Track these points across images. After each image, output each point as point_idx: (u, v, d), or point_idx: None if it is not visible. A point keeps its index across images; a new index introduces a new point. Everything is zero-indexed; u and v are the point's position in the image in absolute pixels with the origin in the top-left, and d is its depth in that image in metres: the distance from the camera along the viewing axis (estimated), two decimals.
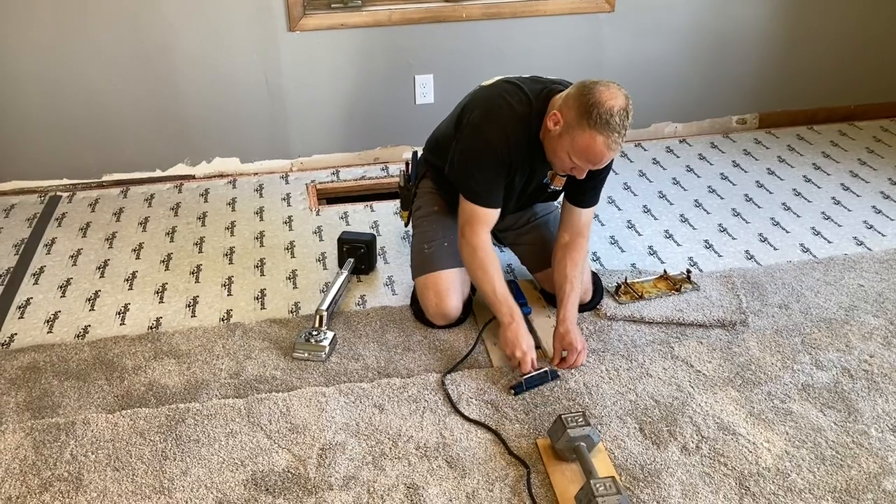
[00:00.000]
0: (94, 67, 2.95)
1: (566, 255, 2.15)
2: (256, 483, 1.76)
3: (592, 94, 1.85)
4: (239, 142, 3.19)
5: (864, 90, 3.57)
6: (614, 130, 1.84)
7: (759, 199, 2.97)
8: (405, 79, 3.18)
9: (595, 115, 1.83)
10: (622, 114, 1.84)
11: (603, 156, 1.89)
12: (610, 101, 1.83)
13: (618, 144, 1.87)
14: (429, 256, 2.23)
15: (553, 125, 1.93)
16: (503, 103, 2.02)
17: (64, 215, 2.95)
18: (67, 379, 2.09)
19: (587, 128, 1.85)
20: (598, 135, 1.84)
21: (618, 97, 1.85)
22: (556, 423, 1.81)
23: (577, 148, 1.89)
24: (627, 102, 1.86)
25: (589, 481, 1.64)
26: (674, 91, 3.40)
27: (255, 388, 2.04)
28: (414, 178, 2.37)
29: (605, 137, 1.84)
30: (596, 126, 1.84)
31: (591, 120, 1.84)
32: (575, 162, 1.93)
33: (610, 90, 1.86)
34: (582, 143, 1.87)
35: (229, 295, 2.47)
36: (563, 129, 1.91)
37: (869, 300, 2.35)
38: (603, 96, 1.84)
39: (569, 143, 1.90)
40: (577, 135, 1.87)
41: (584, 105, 1.85)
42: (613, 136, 1.85)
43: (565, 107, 1.91)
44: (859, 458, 1.80)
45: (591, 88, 1.87)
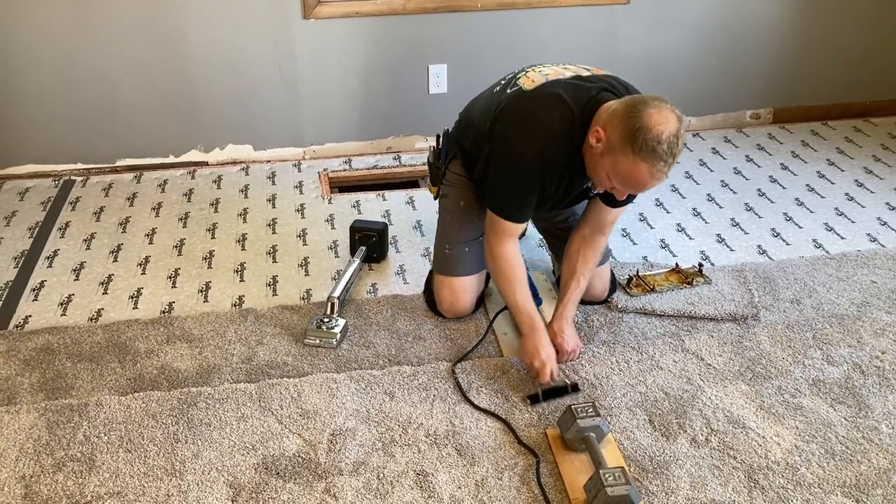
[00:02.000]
0: (108, 53, 2.96)
1: (580, 251, 2.09)
2: (267, 467, 1.77)
3: (640, 117, 1.68)
4: (252, 129, 3.19)
5: (880, 86, 3.54)
6: (660, 159, 1.67)
7: (772, 194, 2.96)
8: (419, 68, 3.18)
9: (641, 142, 1.67)
10: (672, 140, 1.66)
11: (646, 184, 1.74)
12: (659, 127, 1.66)
13: (663, 174, 1.71)
14: (449, 258, 2.21)
15: (595, 142, 1.77)
16: (543, 119, 1.86)
17: (78, 199, 2.97)
18: (81, 361, 2.10)
19: (630, 153, 1.69)
20: (642, 162, 1.69)
21: (669, 121, 1.67)
22: (565, 414, 1.81)
23: (618, 172, 1.75)
24: (679, 127, 1.68)
25: (598, 471, 1.64)
26: (687, 85, 3.39)
27: (266, 374, 2.06)
28: (444, 157, 2.25)
29: (650, 166, 1.69)
30: (640, 153, 1.68)
31: (636, 146, 1.67)
32: (615, 185, 1.80)
33: (661, 113, 1.67)
34: (624, 169, 1.73)
35: (241, 281, 2.48)
36: (606, 148, 1.75)
37: (881, 296, 2.34)
38: (652, 120, 1.66)
39: (610, 164, 1.75)
40: (620, 159, 1.72)
41: (630, 128, 1.68)
42: (659, 164, 1.68)
43: (610, 125, 1.75)
44: (869, 453, 1.80)
45: (640, 110, 1.69)
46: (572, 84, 1.90)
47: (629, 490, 1.59)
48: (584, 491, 1.67)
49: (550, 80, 1.93)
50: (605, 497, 1.59)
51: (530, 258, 2.57)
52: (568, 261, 2.11)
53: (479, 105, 2.11)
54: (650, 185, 1.75)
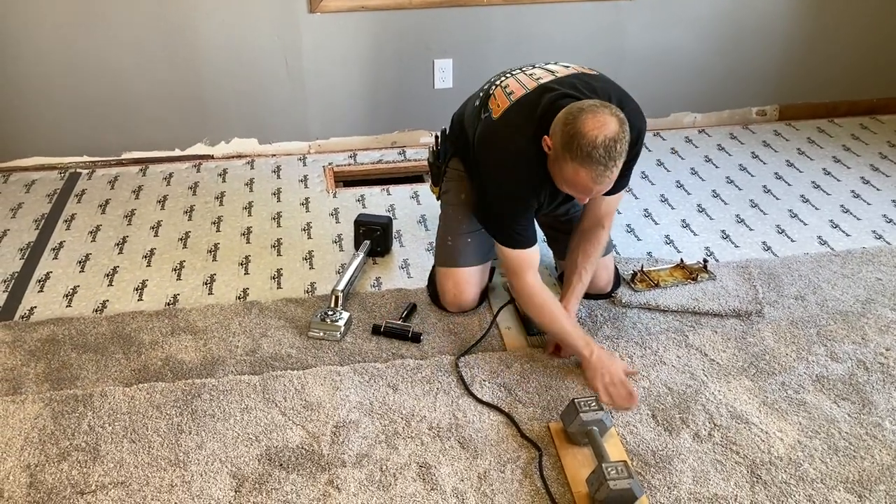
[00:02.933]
0: (115, 46, 2.97)
1: (580, 246, 2.10)
2: (270, 458, 1.78)
3: (575, 124, 1.71)
4: (258, 123, 3.20)
5: (887, 83, 3.53)
6: (598, 163, 1.70)
7: (778, 191, 2.95)
8: (424, 63, 3.18)
9: (576, 147, 1.70)
10: (608, 144, 1.68)
11: (590, 189, 1.77)
12: (593, 132, 1.68)
13: (605, 177, 1.73)
14: (451, 250, 2.21)
15: (547, 150, 1.82)
16: (510, 150, 1.90)
17: (84, 192, 2.98)
18: (86, 352, 2.11)
19: (570, 160, 1.73)
20: (580, 168, 1.72)
21: (605, 125, 1.69)
22: (568, 407, 1.82)
23: (565, 178, 1.79)
24: (619, 129, 1.70)
25: (600, 465, 1.64)
26: (694, 81, 3.38)
27: (270, 366, 2.06)
28: (443, 157, 2.29)
29: (589, 171, 1.71)
30: (577, 159, 1.71)
31: (573, 152, 1.71)
32: (569, 191, 1.85)
33: (597, 117, 1.69)
34: (568, 175, 1.77)
35: (246, 274, 2.48)
36: (553, 156, 1.80)
37: (886, 293, 2.33)
38: (587, 126, 1.69)
39: (558, 172, 1.80)
40: (563, 165, 1.76)
41: (567, 135, 1.72)
42: (598, 168, 1.70)
43: (553, 134, 1.79)
44: (873, 449, 1.80)
45: (576, 116, 1.72)
46: (533, 100, 1.90)
47: (631, 484, 1.60)
48: (586, 484, 1.68)
49: (514, 101, 1.94)
50: (608, 490, 1.59)
51: None
52: (570, 256, 2.13)
53: (466, 115, 2.14)
54: (595, 189, 1.77)
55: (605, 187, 1.78)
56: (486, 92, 2.07)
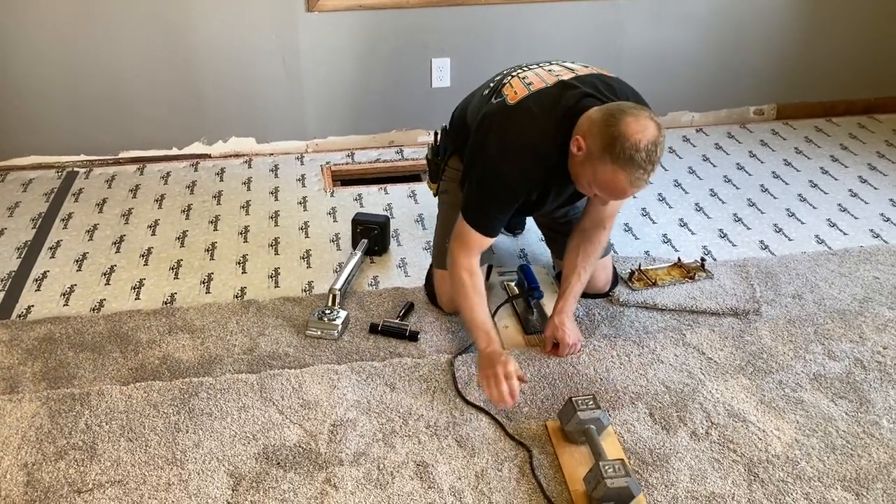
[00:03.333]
0: (113, 46, 2.97)
1: (580, 246, 2.08)
2: (268, 457, 1.78)
3: (618, 126, 1.68)
4: (255, 122, 3.20)
5: (885, 82, 3.54)
6: (639, 167, 1.68)
7: (775, 190, 2.96)
8: (422, 62, 3.18)
9: (619, 150, 1.67)
10: (650, 148, 1.67)
11: (625, 192, 1.75)
12: (637, 135, 1.66)
13: (643, 181, 1.71)
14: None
15: (576, 150, 1.78)
16: (522, 138, 1.87)
17: (81, 191, 2.97)
18: (83, 351, 2.11)
19: (609, 162, 1.69)
20: (620, 171, 1.69)
21: (647, 129, 1.67)
22: (566, 406, 1.81)
23: (598, 181, 1.75)
24: (658, 134, 1.69)
25: (597, 463, 1.65)
26: (691, 80, 3.39)
27: (267, 364, 2.06)
28: (442, 153, 2.26)
29: (629, 174, 1.69)
30: (618, 161, 1.68)
31: (614, 155, 1.68)
32: (597, 193, 1.81)
33: (639, 121, 1.68)
34: (604, 178, 1.73)
35: (244, 273, 2.48)
36: (586, 157, 1.76)
37: (884, 292, 2.33)
38: (630, 128, 1.67)
39: (591, 173, 1.76)
40: (599, 168, 1.73)
41: (608, 136, 1.69)
42: (638, 172, 1.69)
43: (589, 134, 1.75)
44: (870, 447, 1.80)
45: (618, 118, 1.69)
46: (554, 94, 1.88)
47: (629, 482, 1.60)
48: (583, 483, 1.68)
49: (533, 91, 1.91)
50: (605, 489, 1.59)
51: (531, 252, 2.58)
52: (569, 255, 2.11)
53: (471, 108, 2.11)
54: (629, 192, 1.76)
55: (638, 191, 1.77)
56: (497, 83, 2.04)
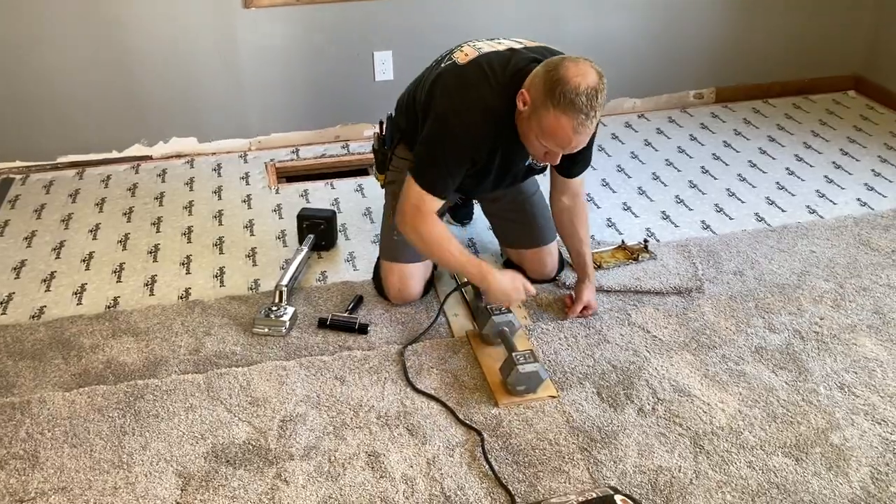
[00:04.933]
0: (45, 47, 2.89)
1: (573, 221, 2.14)
2: (217, 455, 1.76)
3: (557, 71, 1.71)
4: (196, 121, 3.15)
5: (818, 64, 3.63)
6: (580, 111, 1.70)
7: (716, 171, 3.02)
8: (364, 55, 3.17)
9: (559, 94, 1.69)
10: (590, 93, 1.69)
11: (570, 139, 1.75)
12: (576, 79, 1.69)
13: (586, 127, 1.73)
14: (397, 245, 2.18)
15: (522, 105, 1.80)
16: (472, 93, 1.87)
17: (17, 198, 2.90)
18: (22, 359, 2.06)
19: (551, 108, 1.71)
20: (562, 115, 1.71)
21: (587, 75, 1.70)
22: (482, 313, 2.03)
23: (543, 130, 1.77)
24: (599, 80, 1.71)
25: (511, 354, 1.89)
26: (632, 67, 3.43)
27: (214, 364, 2.04)
28: (389, 143, 2.23)
29: (571, 119, 1.71)
30: (560, 106, 1.70)
31: (555, 99, 1.70)
32: (545, 145, 1.81)
33: (578, 66, 1.71)
34: (547, 125, 1.75)
35: (188, 273, 2.45)
36: (531, 110, 1.78)
37: (820, 265, 2.40)
38: (569, 73, 1.70)
39: (536, 125, 1.78)
40: (543, 116, 1.74)
41: (549, 83, 1.72)
42: (580, 117, 1.70)
43: (532, 85, 1.78)
44: (808, 414, 1.85)
45: (558, 65, 1.73)
46: (505, 56, 1.91)
47: (538, 367, 1.85)
48: (499, 373, 1.92)
49: (483, 53, 1.94)
50: (518, 374, 1.84)
51: (479, 241, 2.59)
52: (570, 233, 2.17)
53: (420, 87, 2.09)
54: (574, 140, 1.77)
55: (582, 141, 1.78)
56: (448, 53, 2.05)
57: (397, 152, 2.20)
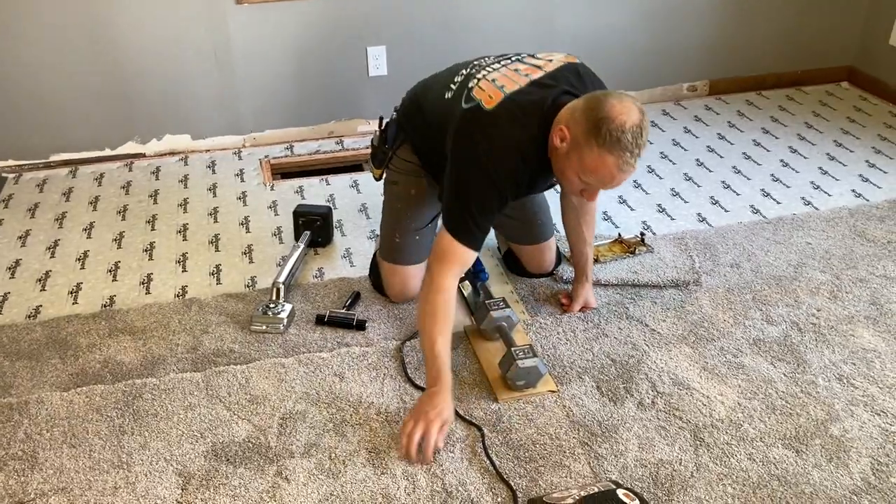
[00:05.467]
0: (36, 44, 2.87)
1: (581, 220, 2.13)
2: (217, 454, 1.75)
3: (602, 108, 1.64)
4: (189, 118, 3.13)
5: (810, 56, 3.63)
6: (626, 149, 1.64)
7: (711, 164, 3.02)
8: (357, 51, 3.15)
9: (605, 132, 1.63)
10: (635, 131, 1.63)
11: (614, 178, 1.70)
12: (622, 117, 1.62)
13: (630, 165, 1.67)
14: (400, 247, 2.16)
15: (559, 141, 1.72)
16: (509, 139, 1.78)
17: (11, 197, 2.88)
18: (19, 359, 2.05)
19: (595, 146, 1.65)
20: (608, 154, 1.65)
21: (631, 112, 1.64)
22: (480, 309, 2.05)
23: (585, 168, 1.70)
24: (642, 118, 1.65)
25: (510, 349, 1.89)
26: (625, 59, 3.43)
27: (213, 362, 2.03)
28: (391, 141, 2.12)
29: (616, 158, 1.65)
30: (606, 144, 1.64)
31: (601, 137, 1.64)
32: (585, 182, 1.74)
33: (623, 104, 1.64)
34: (591, 163, 1.68)
35: (184, 271, 2.44)
36: (571, 146, 1.70)
37: (816, 257, 2.41)
38: (614, 111, 1.63)
39: (577, 162, 1.70)
40: (586, 153, 1.67)
41: (593, 120, 1.64)
42: (625, 155, 1.65)
43: (573, 121, 1.70)
44: (808, 406, 1.85)
45: (602, 101, 1.65)
46: (531, 95, 1.81)
47: (537, 362, 1.85)
48: (498, 368, 1.92)
49: (508, 92, 1.82)
50: (517, 368, 1.84)
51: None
52: (575, 232, 2.16)
53: (430, 102, 2.00)
54: (618, 178, 1.70)
55: (625, 178, 1.72)
56: (461, 84, 1.93)
57: (401, 153, 2.12)
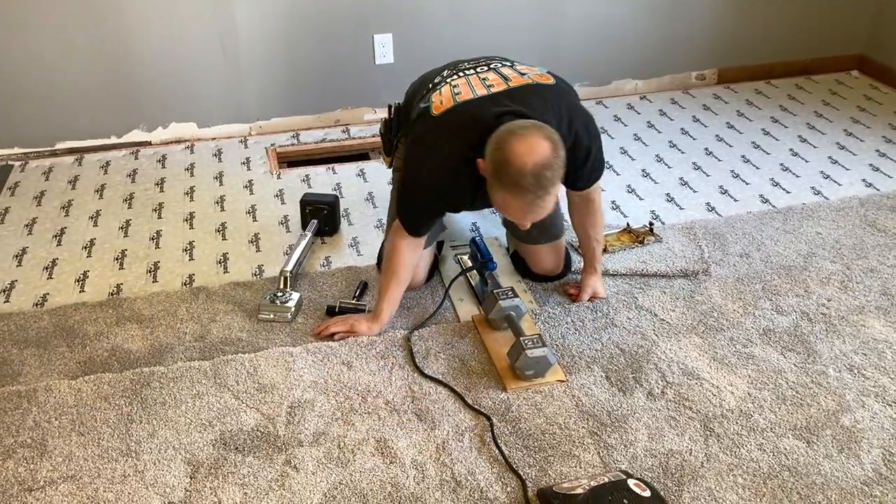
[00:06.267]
0: (42, 33, 2.85)
1: (585, 220, 2.08)
2: (225, 442, 1.75)
3: (504, 150, 1.62)
4: (195, 106, 3.12)
5: (819, 44, 3.61)
6: (528, 192, 1.62)
7: (719, 153, 3.00)
8: (364, 38, 3.13)
9: (504, 176, 1.62)
10: (536, 171, 1.59)
11: (524, 216, 1.70)
12: (521, 159, 1.59)
13: (537, 206, 1.65)
14: None
15: (483, 172, 1.73)
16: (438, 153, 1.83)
17: (17, 185, 2.87)
18: (27, 347, 2.04)
19: (499, 188, 1.66)
20: (509, 196, 1.65)
21: (534, 151, 1.59)
22: (489, 298, 2.04)
23: (497, 205, 1.74)
24: (551, 154, 1.60)
25: (518, 339, 1.88)
26: (634, 48, 3.41)
27: (220, 350, 2.02)
28: (395, 130, 2.18)
29: (519, 200, 1.64)
30: (506, 188, 1.64)
31: (501, 181, 1.64)
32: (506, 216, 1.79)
33: (526, 142, 1.60)
34: (499, 202, 1.71)
35: (191, 260, 2.43)
36: (488, 180, 1.72)
37: (826, 247, 2.39)
38: (515, 153, 1.60)
39: (492, 195, 1.73)
40: (495, 192, 1.70)
41: (496, 161, 1.64)
42: (528, 197, 1.62)
43: (487, 156, 1.69)
44: (818, 396, 1.84)
45: (505, 142, 1.62)
46: (476, 110, 1.79)
47: (546, 352, 1.85)
48: (507, 358, 1.91)
49: (458, 101, 1.84)
50: (526, 358, 1.84)
51: (483, 225, 2.57)
52: (581, 228, 2.12)
53: (416, 97, 2.05)
54: (528, 217, 1.70)
55: (539, 215, 1.71)
56: (435, 83, 1.97)
57: (403, 142, 2.15)
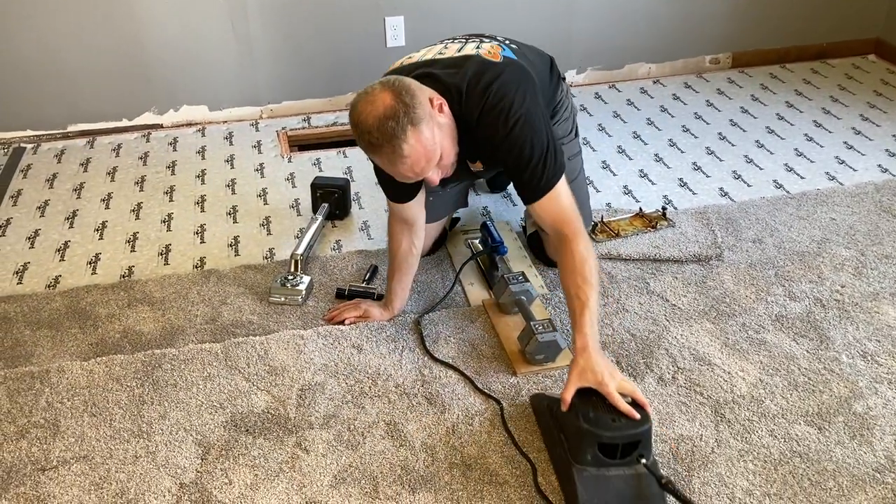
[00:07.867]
0: (53, 15, 2.85)
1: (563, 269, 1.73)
2: (236, 424, 1.76)
3: (352, 114, 1.61)
4: (207, 89, 3.12)
5: (836, 28, 3.56)
6: (378, 146, 1.59)
7: (733, 138, 2.97)
8: (375, 21, 3.12)
9: (358, 140, 1.63)
10: (379, 124, 1.56)
11: (394, 171, 1.65)
12: (364, 115, 1.57)
13: (399, 157, 1.59)
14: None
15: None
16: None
17: (29, 167, 2.88)
18: (40, 328, 2.06)
19: (364, 152, 1.67)
20: (373, 158, 1.66)
21: (374, 104, 1.57)
22: (499, 283, 2.03)
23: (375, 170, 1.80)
24: (390, 103, 1.55)
25: (529, 323, 1.87)
26: (647, 31, 3.37)
27: (231, 333, 2.03)
28: None
29: (378, 158, 1.63)
30: (365, 150, 1.65)
31: (358, 142, 1.64)
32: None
33: (368, 98, 1.58)
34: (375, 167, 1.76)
35: (202, 242, 2.44)
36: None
37: (840, 233, 2.37)
38: (359, 111, 1.59)
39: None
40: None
41: (352, 128, 1.64)
42: (384, 151, 1.59)
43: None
44: (831, 383, 1.83)
45: (355, 104, 1.61)
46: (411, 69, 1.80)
47: (556, 336, 1.83)
48: (518, 342, 1.90)
49: (405, 64, 1.86)
50: (537, 343, 1.82)
51: (495, 209, 2.56)
52: (562, 284, 1.75)
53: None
54: (399, 171, 1.64)
55: (414, 167, 1.62)
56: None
57: None
